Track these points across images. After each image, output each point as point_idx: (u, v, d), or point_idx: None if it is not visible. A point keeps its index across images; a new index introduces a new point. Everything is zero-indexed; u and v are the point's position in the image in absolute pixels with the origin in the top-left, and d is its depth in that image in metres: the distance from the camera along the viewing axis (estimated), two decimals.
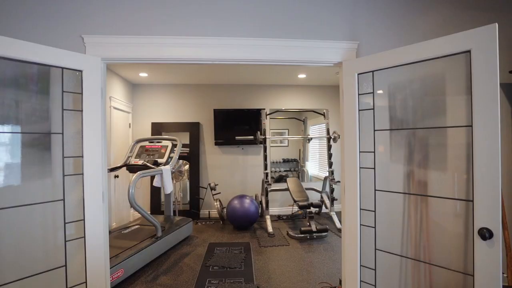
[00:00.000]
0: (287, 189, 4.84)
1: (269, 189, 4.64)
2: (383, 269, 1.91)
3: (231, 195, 5.29)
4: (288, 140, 6.06)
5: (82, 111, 1.79)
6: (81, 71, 1.79)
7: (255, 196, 5.06)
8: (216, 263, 3.22)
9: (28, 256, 1.63)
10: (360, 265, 2.00)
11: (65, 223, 1.72)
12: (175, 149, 3.84)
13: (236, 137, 4.72)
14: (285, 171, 6.09)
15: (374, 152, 1.93)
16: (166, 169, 3.46)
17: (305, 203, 4.22)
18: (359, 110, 1.99)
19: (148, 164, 3.52)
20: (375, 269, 1.94)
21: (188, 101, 5.31)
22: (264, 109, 5.31)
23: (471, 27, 2.14)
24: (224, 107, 5.33)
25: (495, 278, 1.43)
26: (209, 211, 5.24)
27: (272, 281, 2.81)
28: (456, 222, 1.61)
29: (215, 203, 4.84)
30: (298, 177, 5.99)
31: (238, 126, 5.34)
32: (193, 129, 5.26)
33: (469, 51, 1.51)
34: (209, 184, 4.94)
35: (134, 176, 3.00)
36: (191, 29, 2.01)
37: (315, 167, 6.35)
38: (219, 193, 5.05)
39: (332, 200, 4.76)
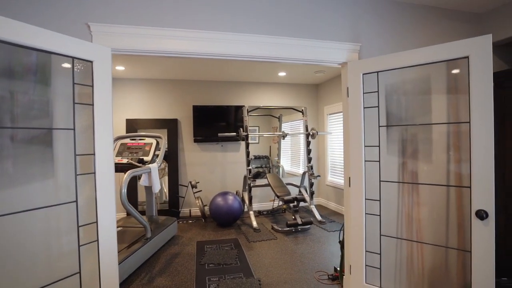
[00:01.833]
0: (268, 185, 4.94)
1: (252, 185, 4.69)
2: (387, 253, 2.09)
3: (210, 192, 5.24)
4: (258, 137, 6.12)
5: (93, 105, 1.66)
6: (91, 61, 1.66)
7: (236, 193, 5.08)
8: (211, 260, 3.19)
9: (39, 265, 1.47)
10: (366, 251, 2.17)
11: (78, 226, 1.59)
12: (159, 146, 3.69)
13: (219, 134, 4.67)
14: (256, 167, 6.17)
15: (379, 146, 2.10)
16: (154, 167, 3.32)
17: (289, 197, 4.35)
18: (364, 108, 2.15)
19: (133, 162, 3.34)
20: (380, 254, 2.11)
21: (166, 97, 5.10)
22: (243, 106, 5.33)
23: (460, 38, 2.44)
24: (203, 104, 5.24)
25: (489, 252, 1.67)
26: (190, 210, 5.12)
27: (271, 274, 2.88)
28: (458, 206, 1.83)
29: (197, 201, 4.75)
30: (270, 173, 6.12)
31: (218, 123, 5.29)
32: (171, 126, 5.08)
33: (467, 57, 1.74)
34: (190, 182, 4.82)
35: (125, 176, 2.83)
36: (204, 23, 1.97)
37: (287, 163, 6.54)
38: (200, 190, 4.96)
39: (311, 194, 4.98)
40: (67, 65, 1.57)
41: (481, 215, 1.67)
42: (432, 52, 1.84)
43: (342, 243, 2.65)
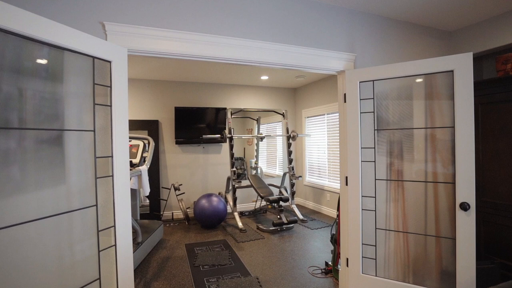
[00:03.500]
0: (251, 186, 5.03)
1: (236, 186, 4.74)
2: (381, 245, 2.31)
3: (192, 194, 5.19)
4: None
5: (111, 106, 1.63)
6: (110, 62, 1.62)
7: (219, 194, 5.09)
8: (204, 262, 3.19)
9: (57, 274, 1.41)
10: (362, 244, 2.36)
11: (98, 231, 1.54)
12: (146, 148, 3.60)
13: (204, 136, 4.65)
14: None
15: (374, 148, 2.31)
16: (144, 170, 3.24)
17: (275, 197, 4.49)
18: (360, 113, 2.35)
19: None
20: (375, 245, 2.32)
21: (147, 97, 4.95)
22: (225, 108, 5.38)
23: (436, 51, 2.75)
24: (185, 105, 5.17)
25: (471, 238, 1.95)
26: (172, 213, 5.01)
27: (266, 272, 2.97)
28: (445, 200, 2.09)
29: (180, 204, 4.68)
30: (251, 174, 6.22)
31: (199, 124, 5.26)
32: (152, 127, 4.94)
33: (452, 71, 2.01)
34: (173, 184, 4.73)
35: None
36: (219, 28, 2.02)
37: (263, 164, 6.70)
38: (183, 193, 4.89)
39: (293, 194, 5.16)
40: (87, 64, 1.52)
41: (465, 206, 1.94)
42: (423, 65, 2.09)
43: (334, 239, 2.83)
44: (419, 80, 2.18)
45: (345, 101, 2.43)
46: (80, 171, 1.50)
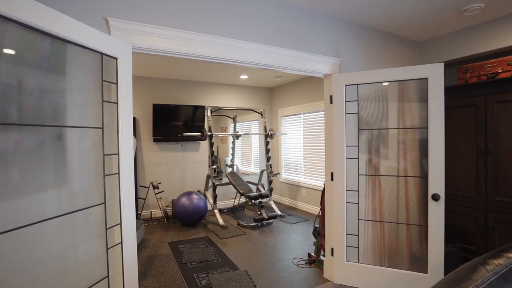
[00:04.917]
0: (230, 184, 5.10)
1: (217, 184, 4.78)
2: (363, 234, 2.54)
3: (171, 193, 5.12)
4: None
5: (117, 103, 1.62)
6: (116, 58, 1.61)
7: (198, 192, 5.08)
8: (191, 259, 3.21)
9: (65, 274, 1.39)
10: (346, 234, 2.57)
11: (106, 228, 1.54)
12: None
13: (184, 134, 4.61)
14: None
15: (358, 146, 2.53)
16: None
17: (255, 194, 4.61)
18: (345, 114, 2.55)
19: None
20: (358, 235, 2.55)
21: None
22: (204, 106, 5.37)
23: (408, 59, 3.05)
24: (163, 102, 5.07)
25: (440, 225, 2.24)
26: (151, 211, 4.90)
27: (253, 265, 3.08)
28: (418, 191, 2.37)
29: (159, 202, 4.60)
30: (230, 172, 6.28)
31: (177, 122, 5.19)
32: None
33: (426, 78, 2.28)
34: (151, 183, 4.63)
35: None
36: (219, 29, 2.07)
37: (238, 162, 6.79)
38: (162, 191, 4.81)
39: (271, 190, 5.32)
40: (95, 60, 1.50)
41: (436, 197, 2.22)
42: (402, 72, 2.34)
43: (317, 231, 3.03)
44: (397, 85, 2.43)
45: (331, 103, 2.61)
46: (89, 169, 1.48)
